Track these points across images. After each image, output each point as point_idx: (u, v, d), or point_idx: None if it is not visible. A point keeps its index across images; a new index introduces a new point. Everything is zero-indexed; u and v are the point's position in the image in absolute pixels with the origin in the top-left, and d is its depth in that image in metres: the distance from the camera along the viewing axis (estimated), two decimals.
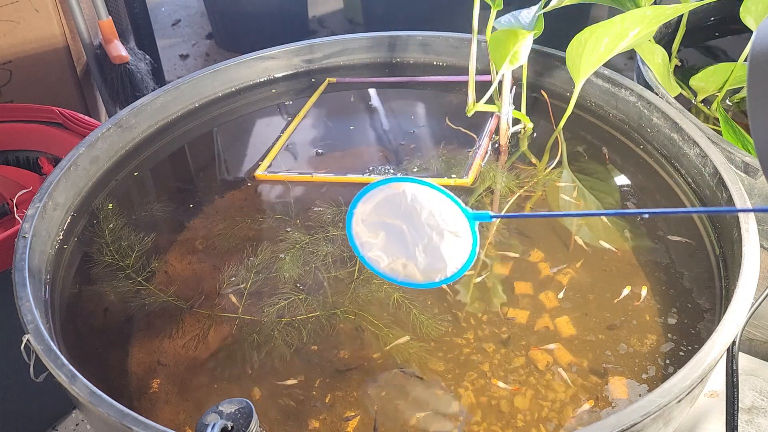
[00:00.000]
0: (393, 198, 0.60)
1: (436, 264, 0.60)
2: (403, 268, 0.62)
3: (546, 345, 0.71)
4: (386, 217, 0.61)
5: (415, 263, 0.61)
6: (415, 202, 0.59)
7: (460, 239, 0.58)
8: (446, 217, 0.58)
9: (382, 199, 0.60)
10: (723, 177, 0.79)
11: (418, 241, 0.60)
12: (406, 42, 1.13)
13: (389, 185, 0.60)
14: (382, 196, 0.60)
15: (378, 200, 0.60)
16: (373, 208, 0.61)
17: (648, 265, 0.79)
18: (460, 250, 0.59)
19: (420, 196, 0.59)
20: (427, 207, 0.59)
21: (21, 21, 1.47)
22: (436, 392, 0.67)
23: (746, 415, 0.93)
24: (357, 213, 0.61)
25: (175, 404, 0.68)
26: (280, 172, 0.94)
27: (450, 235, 0.59)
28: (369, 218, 0.61)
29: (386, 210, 0.61)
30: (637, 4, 0.98)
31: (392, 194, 0.60)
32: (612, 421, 0.56)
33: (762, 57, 0.46)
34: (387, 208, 0.60)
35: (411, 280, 0.62)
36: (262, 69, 1.10)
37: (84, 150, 0.90)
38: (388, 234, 0.61)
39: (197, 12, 2.66)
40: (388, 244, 0.61)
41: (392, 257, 0.62)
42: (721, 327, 0.63)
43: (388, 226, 0.61)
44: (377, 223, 0.61)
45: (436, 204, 0.58)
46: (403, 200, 0.59)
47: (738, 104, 1.12)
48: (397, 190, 0.59)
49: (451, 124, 1.01)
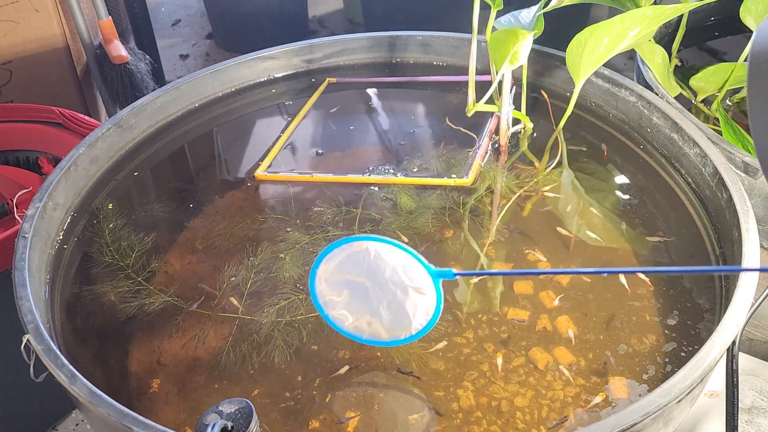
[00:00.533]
0: (356, 256, 0.59)
1: (401, 321, 0.60)
2: (368, 326, 0.61)
3: (546, 345, 0.70)
4: (350, 275, 0.60)
5: (379, 321, 0.61)
6: (378, 260, 0.59)
7: (424, 296, 0.59)
8: (410, 273, 0.58)
9: (345, 257, 0.60)
10: (723, 177, 0.79)
11: (383, 298, 0.60)
12: (406, 42, 1.13)
13: (352, 244, 0.59)
14: (345, 255, 0.60)
15: (341, 259, 0.60)
16: (336, 266, 0.60)
17: (648, 265, 0.79)
18: (425, 307, 0.59)
19: (383, 254, 0.59)
20: (391, 264, 0.59)
21: (21, 21, 1.47)
22: (436, 392, 0.67)
23: (746, 415, 0.93)
24: (320, 272, 0.61)
25: (175, 404, 0.68)
26: (280, 172, 0.94)
27: (414, 291, 0.59)
28: (332, 277, 0.61)
29: (349, 268, 0.60)
30: (637, 4, 0.98)
31: (355, 252, 0.59)
32: (612, 421, 0.56)
33: (762, 57, 0.46)
34: (350, 266, 0.60)
35: (376, 338, 0.62)
36: (262, 69, 1.10)
37: (84, 150, 0.90)
38: (352, 292, 0.61)
39: (197, 12, 2.66)
40: (352, 303, 0.61)
41: (356, 315, 0.61)
42: (721, 327, 0.63)
43: (352, 284, 0.61)
44: (341, 281, 0.61)
45: (400, 261, 0.58)
46: (367, 257, 0.59)
47: (738, 104, 1.12)
48: (360, 248, 0.59)
49: (451, 124, 1.01)
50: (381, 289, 0.60)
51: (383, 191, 0.90)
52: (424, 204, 0.87)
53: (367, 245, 0.59)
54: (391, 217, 0.85)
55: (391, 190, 0.90)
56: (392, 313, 0.60)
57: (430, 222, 0.85)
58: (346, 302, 0.61)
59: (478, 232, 0.84)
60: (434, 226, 0.84)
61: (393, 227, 0.84)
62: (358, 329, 0.62)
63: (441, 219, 0.85)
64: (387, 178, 0.91)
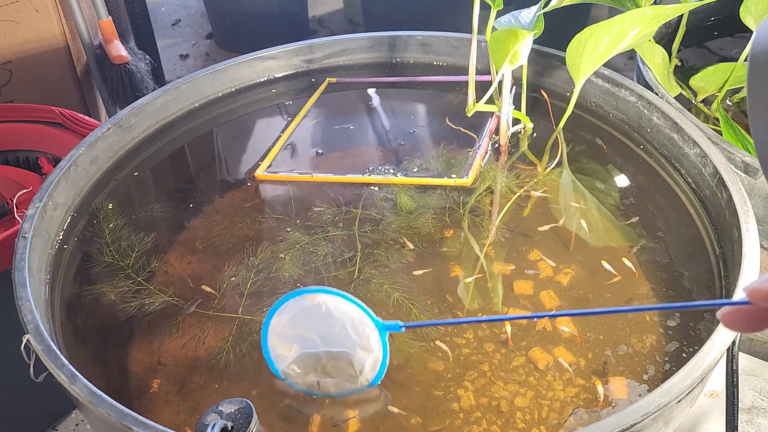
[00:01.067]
0: (309, 310, 0.60)
1: (349, 376, 0.61)
2: (316, 382, 0.62)
3: (546, 345, 0.70)
4: (300, 331, 0.61)
5: (327, 377, 0.62)
6: (329, 316, 0.59)
7: (371, 353, 0.60)
8: (359, 329, 0.59)
9: (298, 311, 0.61)
10: (723, 177, 0.79)
11: (330, 357, 0.61)
12: (406, 42, 1.13)
13: (305, 296, 0.60)
14: (298, 308, 0.60)
15: (294, 312, 0.61)
16: (289, 320, 0.61)
17: (648, 265, 0.79)
18: (372, 362, 0.60)
19: (335, 308, 0.59)
20: (340, 320, 0.59)
21: (21, 21, 1.47)
22: (436, 392, 0.67)
23: (746, 415, 0.93)
24: (272, 325, 0.62)
25: (175, 404, 0.68)
26: (280, 172, 0.94)
27: (360, 350, 0.60)
28: (284, 331, 0.62)
29: (301, 323, 0.61)
30: (637, 4, 0.98)
31: (309, 306, 0.60)
32: (612, 421, 0.56)
33: (762, 57, 0.46)
34: (302, 320, 0.61)
35: (325, 392, 0.63)
36: (262, 69, 1.10)
37: (84, 150, 0.90)
38: (302, 347, 0.62)
39: (197, 12, 2.66)
40: (302, 358, 0.62)
41: (305, 370, 0.62)
42: (721, 327, 0.63)
43: (302, 339, 0.61)
44: (292, 335, 0.61)
45: (350, 315, 0.59)
46: (318, 313, 0.60)
47: (738, 104, 1.12)
48: (313, 302, 0.60)
49: (451, 124, 1.01)
50: (329, 347, 0.61)
51: (383, 191, 0.90)
52: (424, 204, 0.87)
53: (321, 299, 0.60)
54: (391, 217, 0.85)
55: (391, 190, 0.90)
56: (339, 370, 0.61)
57: (430, 222, 0.85)
58: (295, 357, 0.62)
59: (478, 232, 0.84)
60: (434, 226, 0.84)
61: (393, 227, 0.84)
62: (309, 384, 0.63)
63: (441, 219, 0.85)
64: (387, 178, 0.91)
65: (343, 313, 0.59)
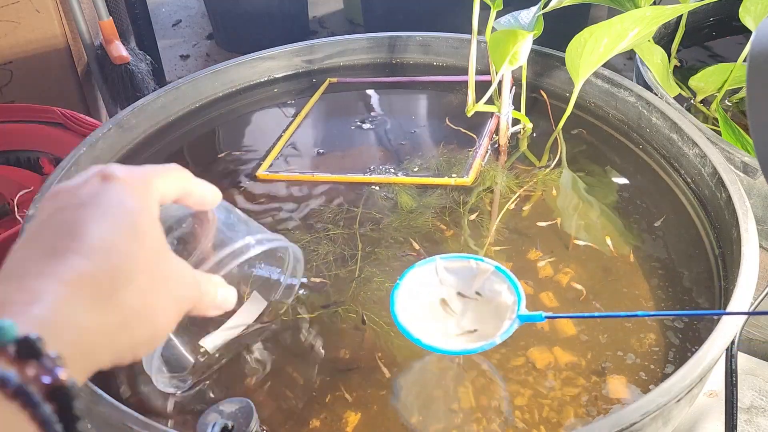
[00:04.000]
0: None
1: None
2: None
3: (545, 345, 0.71)
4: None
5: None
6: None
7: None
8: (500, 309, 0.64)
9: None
10: (722, 177, 0.79)
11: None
12: (406, 42, 1.14)
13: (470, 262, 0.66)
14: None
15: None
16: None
17: (647, 264, 0.79)
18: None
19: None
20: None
21: (22, 21, 1.48)
22: (436, 392, 0.67)
23: (745, 414, 0.94)
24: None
25: (176, 404, 0.68)
26: (282, 172, 0.94)
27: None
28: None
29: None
30: (637, 5, 0.98)
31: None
32: (611, 421, 0.56)
33: (761, 57, 0.47)
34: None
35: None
36: (263, 69, 1.11)
37: (85, 150, 0.90)
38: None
39: (198, 12, 2.66)
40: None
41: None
42: (721, 326, 0.63)
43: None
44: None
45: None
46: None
47: (737, 104, 1.12)
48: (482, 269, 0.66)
49: (450, 124, 1.01)
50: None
51: (384, 190, 0.90)
52: (424, 203, 0.87)
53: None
54: (392, 216, 0.86)
55: (391, 190, 0.90)
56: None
57: (431, 221, 0.85)
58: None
59: (478, 231, 0.84)
60: (434, 225, 0.84)
61: (394, 226, 0.84)
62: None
63: (441, 218, 0.85)
64: (388, 177, 0.92)
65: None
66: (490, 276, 0.65)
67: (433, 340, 0.61)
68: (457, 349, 0.61)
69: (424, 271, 0.66)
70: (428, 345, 0.60)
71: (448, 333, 0.63)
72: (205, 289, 0.46)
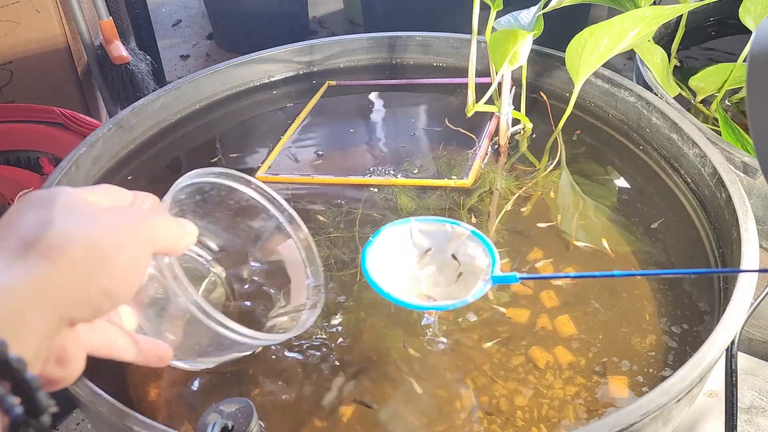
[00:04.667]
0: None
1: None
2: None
3: (546, 344, 0.71)
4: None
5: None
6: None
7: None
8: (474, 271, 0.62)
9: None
10: (722, 177, 0.79)
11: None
12: (406, 43, 1.13)
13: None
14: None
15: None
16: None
17: (647, 265, 0.79)
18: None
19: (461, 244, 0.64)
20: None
21: (22, 21, 1.48)
22: (438, 391, 0.67)
23: (745, 414, 0.94)
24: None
25: (176, 404, 0.68)
26: (281, 174, 0.94)
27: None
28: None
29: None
30: (637, 5, 0.98)
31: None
32: (611, 421, 0.56)
33: (761, 57, 0.47)
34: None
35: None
36: (263, 69, 1.10)
37: (85, 150, 0.90)
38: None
39: (198, 12, 2.66)
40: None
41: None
42: (721, 326, 0.63)
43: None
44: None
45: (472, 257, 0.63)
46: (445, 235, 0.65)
47: (737, 104, 1.12)
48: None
49: (450, 126, 1.01)
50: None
51: (384, 192, 0.90)
52: (424, 205, 0.87)
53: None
54: (392, 217, 0.86)
55: (391, 191, 0.90)
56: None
57: None
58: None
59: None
60: None
61: None
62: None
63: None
64: (387, 179, 0.92)
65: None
66: (466, 240, 0.63)
67: (404, 295, 0.60)
68: (427, 305, 0.60)
69: (398, 231, 0.64)
70: (398, 299, 0.59)
71: (420, 292, 0.62)
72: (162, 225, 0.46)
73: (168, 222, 0.47)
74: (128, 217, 0.44)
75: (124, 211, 0.45)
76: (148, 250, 0.44)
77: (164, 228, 0.46)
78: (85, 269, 0.39)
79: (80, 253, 0.39)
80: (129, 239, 0.42)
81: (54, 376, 0.42)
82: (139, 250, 0.43)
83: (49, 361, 0.40)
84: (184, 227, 0.48)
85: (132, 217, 0.44)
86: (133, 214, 0.45)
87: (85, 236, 0.39)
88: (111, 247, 0.40)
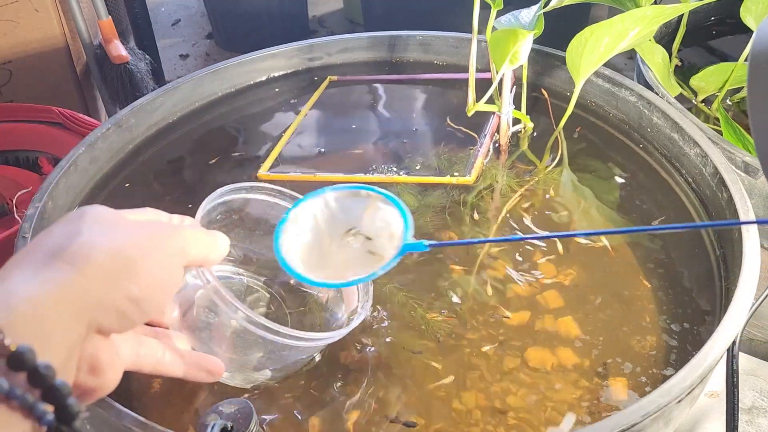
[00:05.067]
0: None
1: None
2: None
3: (546, 345, 0.71)
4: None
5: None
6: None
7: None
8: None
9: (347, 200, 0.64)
10: (723, 177, 0.79)
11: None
12: (406, 42, 1.13)
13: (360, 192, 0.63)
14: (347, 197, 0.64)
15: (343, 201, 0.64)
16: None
17: (648, 264, 0.79)
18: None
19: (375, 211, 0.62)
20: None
21: (21, 21, 1.47)
22: (437, 393, 0.67)
23: (746, 415, 0.93)
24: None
25: (175, 404, 0.68)
26: (283, 172, 0.94)
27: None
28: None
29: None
30: (638, 4, 0.98)
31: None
32: (612, 422, 0.56)
33: (762, 57, 0.46)
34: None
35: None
36: (263, 68, 1.10)
37: (84, 150, 0.90)
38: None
39: (197, 12, 2.66)
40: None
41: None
42: (722, 327, 0.63)
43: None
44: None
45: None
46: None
47: (738, 104, 1.12)
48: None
49: (452, 124, 1.01)
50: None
51: (386, 189, 0.90)
52: (425, 202, 0.87)
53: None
54: None
55: (393, 189, 0.90)
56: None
57: (432, 220, 0.85)
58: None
59: (479, 230, 0.84)
60: (436, 224, 0.84)
61: None
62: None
63: (442, 217, 0.85)
64: (389, 176, 0.91)
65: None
66: (381, 205, 0.62)
67: (313, 274, 0.59)
68: (337, 282, 0.59)
69: (314, 203, 0.63)
70: (307, 278, 0.58)
71: (336, 267, 0.60)
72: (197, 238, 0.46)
73: (199, 233, 0.47)
74: (158, 228, 0.44)
75: (155, 223, 0.45)
76: (179, 261, 0.44)
77: (195, 239, 0.46)
78: (110, 275, 0.39)
79: (105, 259, 0.39)
80: (158, 248, 0.42)
81: (88, 385, 0.41)
82: (169, 260, 0.43)
83: (81, 369, 0.40)
84: (216, 238, 0.48)
85: (161, 227, 0.44)
86: (163, 225, 0.45)
87: (110, 243, 0.39)
88: (138, 254, 0.40)
